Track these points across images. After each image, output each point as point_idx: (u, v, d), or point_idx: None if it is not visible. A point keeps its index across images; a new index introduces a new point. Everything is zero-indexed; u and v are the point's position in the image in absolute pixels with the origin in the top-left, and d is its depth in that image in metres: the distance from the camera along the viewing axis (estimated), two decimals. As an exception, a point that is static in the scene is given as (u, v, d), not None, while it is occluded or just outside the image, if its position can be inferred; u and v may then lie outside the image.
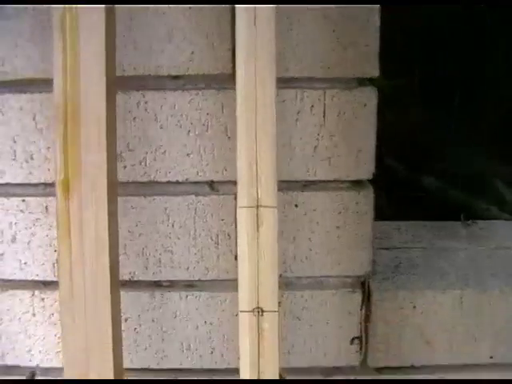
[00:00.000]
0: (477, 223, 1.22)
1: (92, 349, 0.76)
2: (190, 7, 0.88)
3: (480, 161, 1.63)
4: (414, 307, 0.97)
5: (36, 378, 1.02)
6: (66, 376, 0.77)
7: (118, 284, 0.76)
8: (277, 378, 0.76)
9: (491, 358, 1.00)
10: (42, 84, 0.90)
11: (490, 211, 1.41)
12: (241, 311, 0.74)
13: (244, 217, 0.74)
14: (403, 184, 1.55)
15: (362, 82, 0.91)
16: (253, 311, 0.74)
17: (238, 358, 0.84)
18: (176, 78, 0.91)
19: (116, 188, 0.79)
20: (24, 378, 0.98)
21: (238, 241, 0.74)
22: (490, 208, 1.44)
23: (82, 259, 0.73)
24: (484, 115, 1.69)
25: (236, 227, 0.84)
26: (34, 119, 0.92)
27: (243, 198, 0.74)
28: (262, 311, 0.74)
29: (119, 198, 0.91)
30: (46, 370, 1.01)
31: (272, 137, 0.73)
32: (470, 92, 1.65)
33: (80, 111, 0.73)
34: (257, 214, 0.74)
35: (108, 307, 0.75)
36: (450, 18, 1.62)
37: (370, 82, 0.92)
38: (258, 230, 0.74)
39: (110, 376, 0.78)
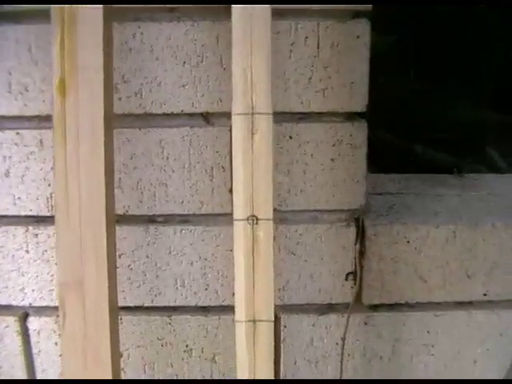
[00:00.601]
0: (469, 176, 1.20)
1: (88, 283, 0.74)
2: None
3: (474, 127, 1.61)
4: (408, 242, 0.96)
5: (36, 379, 1.01)
6: (61, 314, 0.75)
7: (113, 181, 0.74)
8: (271, 288, 0.73)
9: (485, 295, 0.99)
10: (38, 15, 0.88)
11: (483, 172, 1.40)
12: (235, 220, 0.72)
13: (239, 124, 0.72)
14: (394, 151, 1.53)
15: (356, 14, 0.90)
16: (247, 219, 0.73)
17: (233, 295, 0.82)
18: (172, 9, 0.90)
19: (111, 108, 0.77)
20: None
21: (233, 149, 0.73)
22: (482, 169, 1.42)
23: (77, 166, 0.70)
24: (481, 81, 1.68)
25: (231, 159, 0.83)
26: (29, 51, 0.91)
27: (238, 105, 0.73)
28: (257, 219, 0.73)
29: (114, 131, 0.90)
30: (39, 309, 0.99)
31: (267, 44, 0.72)
32: (467, 55, 1.64)
33: (77, 17, 0.71)
34: (252, 121, 0.72)
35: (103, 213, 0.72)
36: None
37: (363, 14, 0.90)
38: (252, 138, 0.72)
39: (105, 311, 0.75)
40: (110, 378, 0.73)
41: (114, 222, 0.75)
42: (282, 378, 1.00)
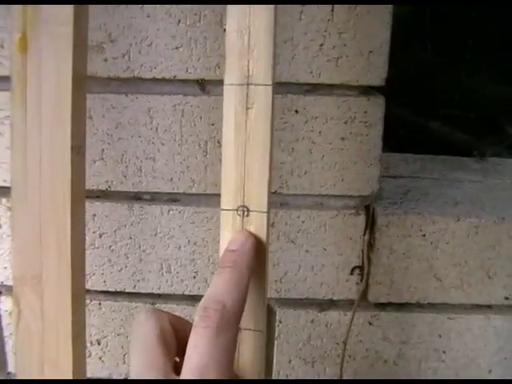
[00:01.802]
0: (491, 160, 1.06)
1: (46, 276, 0.60)
2: None
3: (492, 105, 1.47)
4: (424, 235, 0.82)
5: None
6: (15, 311, 0.62)
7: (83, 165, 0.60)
8: (264, 296, 0.60)
9: (507, 298, 0.87)
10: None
11: (502, 155, 1.26)
12: (222, 209, 0.58)
13: (232, 96, 0.58)
14: (408, 127, 1.40)
15: (378, -28, 0.76)
16: (236, 210, 0.59)
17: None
18: (166, -42, 0.76)
19: (84, 69, 0.63)
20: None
21: (223, 126, 0.58)
22: (501, 152, 1.28)
23: (39, 136, 0.57)
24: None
25: None
26: None
27: (231, 74, 0.59)
28: (248, 211, 0.58)
29: (97, 96, 0.80)
30: (12, 289, 0.85)
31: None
32: (488, 28, 1.50)
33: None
34: (247, 94, 0.57)
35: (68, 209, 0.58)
36: None
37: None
38: (246, 113, 0.57)
39: (67, 309, 0.61)
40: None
41: (83, 204, 0.62)
42: (274, 377, 0.87)
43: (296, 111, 0.81)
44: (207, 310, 0.50)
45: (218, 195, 0.79)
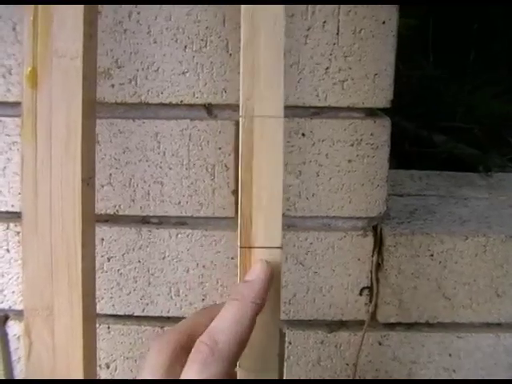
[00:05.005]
0: (496, 175, 1.07)
1: (58, 308, 0.61)
2: None
3: (495, 117, 1.48)
4: (432, 255, 0.85)
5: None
6: (26, 342, 0.63)
7: (93, 197, 0.61)
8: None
9: (516, 317, 0.87)
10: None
11: (506, 168, 1.27)
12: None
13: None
14: (413, 141, 1.41)
15: (383, -5, 0.78)
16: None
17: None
18: (172, -15, 0.78)
19: (93, 101, 0.65)
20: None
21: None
22: (506, 165, 1.29)
23: (49, 169, 0.58)
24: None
25: (235, 157, 0.82)
26: (13, 30, 0.80)
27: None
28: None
29: (104, 121, 0.84)
30: (20, 313, 0.90)
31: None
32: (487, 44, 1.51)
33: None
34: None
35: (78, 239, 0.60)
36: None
37: (392, -4, 0.78)
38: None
39: (79, 341, 0.62)
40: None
41: (94, 233, 0.65)
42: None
43: (303, 134, 0.83)
44: (201, 344, 0.52)
45: (226, 218, 0.82)
